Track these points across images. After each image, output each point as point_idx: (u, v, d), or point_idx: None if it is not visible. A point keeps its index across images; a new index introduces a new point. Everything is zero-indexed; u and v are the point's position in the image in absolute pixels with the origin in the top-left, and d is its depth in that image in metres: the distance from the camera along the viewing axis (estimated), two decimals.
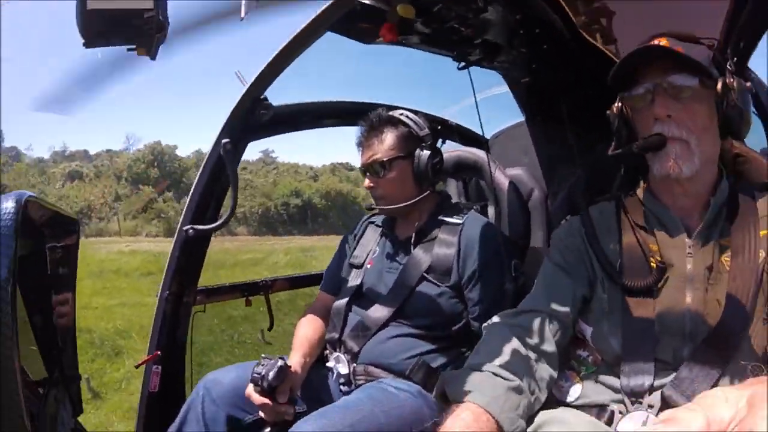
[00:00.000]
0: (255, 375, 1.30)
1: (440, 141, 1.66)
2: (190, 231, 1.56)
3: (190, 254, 1.60)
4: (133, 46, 0.69)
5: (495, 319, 1.10)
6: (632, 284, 1.02)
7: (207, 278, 1.70)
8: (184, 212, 1.62)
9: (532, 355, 1.01)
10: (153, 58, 0.71)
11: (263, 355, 1.34)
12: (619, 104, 1.13)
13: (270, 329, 1.95)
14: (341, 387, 1.50)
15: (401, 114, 1.60)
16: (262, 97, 1.56)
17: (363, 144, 1.61)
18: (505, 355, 0.97)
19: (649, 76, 1.04)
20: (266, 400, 1.31)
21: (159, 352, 1.51)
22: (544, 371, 1.01)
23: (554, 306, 1.07)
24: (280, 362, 1.31)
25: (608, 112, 1.14)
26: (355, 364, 1.48)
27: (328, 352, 1.57)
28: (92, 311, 7.53)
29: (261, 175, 29.46)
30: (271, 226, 25.02)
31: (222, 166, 1.54)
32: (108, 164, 31.69)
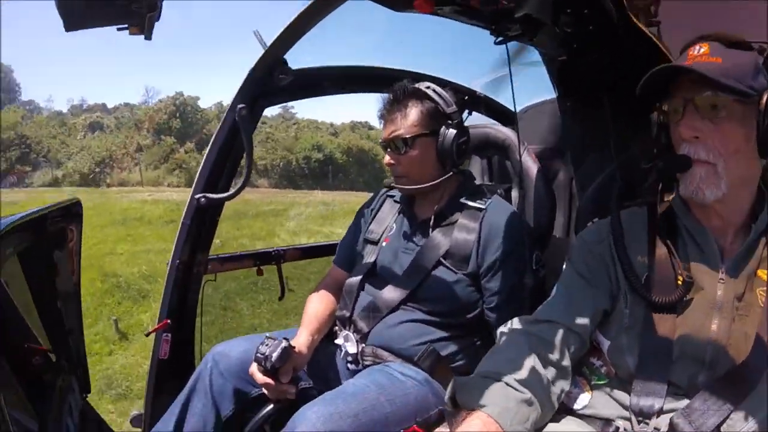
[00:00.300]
0: (259, 355, 1.30)
1: (467, 113, 1.55)
2: (202, 200, 1.52)
3: (202, 222, 1.58)
4: (125, 26, 0.63)
5: (512, 324, 1.06)
6: (656, 299, 0.97)
7: (228, 228, 1.69)
8: (196, 179, 1.58)
9: (548, 369, 0.98)
10: (148, 37, 0.65)
11: (267, 335, 1.34)
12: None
13: (281, 299, 1.95)
14: (348, 365, 1.49)
15: (428, 87, 1.49)
16: (281, 59, 1.47)
17: (385, 117, 1.51)
18: (520, 366, 0.94)
19: (681, 90, 0.95)
20: (269, 380, 1.31)
21: (169, 321, 1.51)
22: (557, 385, 0.99)
23: (574, 319, 1.03)
24: (284, 343, 1.31)
25: (651, 115, 1.07)
26: (363, 345, 1.46)
27: (337, 328, 1.55)
28: (117, 257, 7.81)
29: (282, 130, 29.26)
30: (292, 180, 25.15)
31: (237, 130, 1.48)
32: (129, 116, 31.76)
